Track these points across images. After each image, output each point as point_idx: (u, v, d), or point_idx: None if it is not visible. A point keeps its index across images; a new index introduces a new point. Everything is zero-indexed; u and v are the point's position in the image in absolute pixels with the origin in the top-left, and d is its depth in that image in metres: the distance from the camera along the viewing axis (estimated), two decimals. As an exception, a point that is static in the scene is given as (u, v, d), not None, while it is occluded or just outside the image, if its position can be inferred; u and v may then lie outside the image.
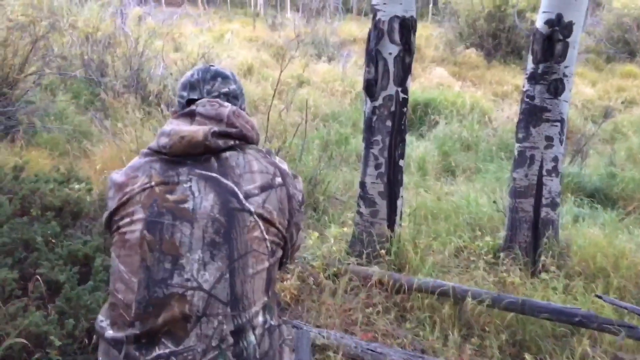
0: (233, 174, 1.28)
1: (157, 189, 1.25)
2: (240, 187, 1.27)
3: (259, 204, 1.28)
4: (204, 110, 1.33)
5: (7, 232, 2.59)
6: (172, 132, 1.28)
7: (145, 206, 1.24)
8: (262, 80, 11.36)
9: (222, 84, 1.44)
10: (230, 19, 26.63)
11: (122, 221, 1.27)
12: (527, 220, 3.81)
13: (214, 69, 1.46)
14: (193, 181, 1.26)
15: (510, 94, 11.79)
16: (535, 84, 3.76)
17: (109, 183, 1.36)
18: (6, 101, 6.27)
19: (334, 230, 4.12)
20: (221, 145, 1.29)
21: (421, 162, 6.68)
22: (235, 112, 1.36)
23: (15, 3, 10.01)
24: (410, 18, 3.63)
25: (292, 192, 1.37)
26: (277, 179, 1.34)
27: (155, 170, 1.29)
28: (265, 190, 1.30)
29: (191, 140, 1.26)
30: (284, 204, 1.33)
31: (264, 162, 1.35)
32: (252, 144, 1.38)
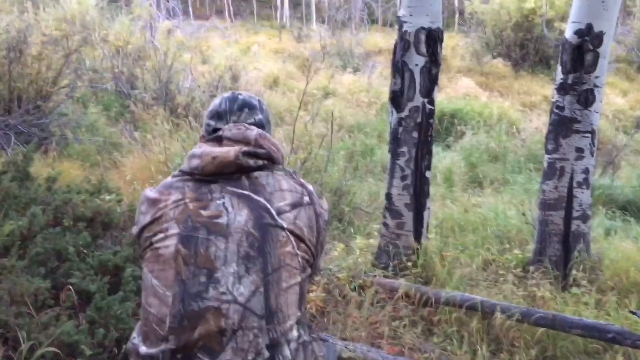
0: (264, 192, 1.31)
1: (190, 205, 1.28)
2: (272, 203, 1.30)
3: (290, 220, 1.30)
4: (231, 134, 1.37)
5: (40, 242, 2.65)
6: (204, 154, 1.32)
7: (179, 221, 1.26)
8: (287, 92, 11.44)
9: (248, 115, 1.47)
10: (256, 32, 26.95)
11: (155, 237, 1.28)
12: (557, 233, 3.73)
13: (241, 99, 1.49)
14: (226, 198, 1.29)
15: (539, 105, 11.63)
16: (564, 95, 3.70)
17: (142, 199, 1.39)
18: (40, 113, 6.45)
19: (359, 242, 4.10)
20: (252, 164, 1.33)
21: (448, 174, 6.63)
22: (262, 135, 1.39)
23: (50, 18, 10.34)
24: (436, 29, 3.62)
25: (319, 211, 1.40)
26: (306, 197, 1.38)
27: (188, 187, 1.32)
28: (296, 207, 1.33)
29: (223, 160, 1.30)
30: (313, 222, 1.36)
31: (292, 182, 1.39)
32: (278, 164, 1.42)
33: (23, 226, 2.72)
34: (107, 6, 14.85)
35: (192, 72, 9.12)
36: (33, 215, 2.78)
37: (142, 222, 1.34)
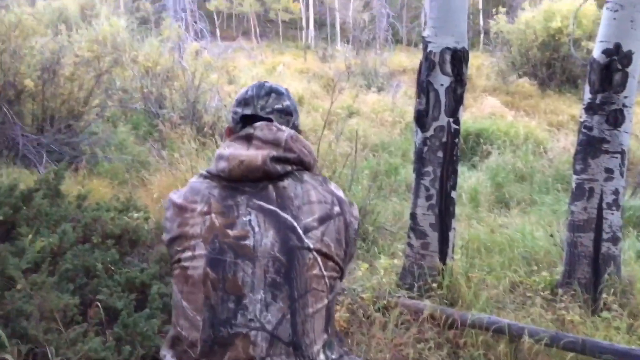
0: (292, 206, 1.28)
1: (217, 221, 1.26)
2: (299, 220, 1.26)
3: (317, 238, 1.27)
4: (261, 135, 1.32)
5: (70, 258, 2.71)
6: (231, 157, 1.29)
7: (206, 241, 1.25)
8: (312, 111, 11.53)
9: (276, 100, 1.42)
10: (282, 52, 27.30)
11: (184, 254, 1.27)
12: (586, 256, 3.66)
13: (268, 85, 1.44)
14: (252, 215, 1.26)
15: (566, 124, 11.48)
16: (593, 115, 3.65)
17: (168, 203, 1.38)
18: (71, 132, 6.63)
19: (383, 262, 4.07)
20: (279, 170, 1.29)
21: (473, 193, 6.57)
22: (293, 137, 1.34)
23: (82, 40, 10.66)
24: (462, 49, 3.62)
25: (349, 220, 1.35)
26: (336, 207, 1.33)
27: (214, 197, 1.29)
28: (324, 222, 1.29)
29: (250, 165, 1.27)
30: (341, 234, 1.32)
31: (322, 191, 1.34)
32: (309, 169, 1.37)
33: (54, 243, 2.78)
34: (137, 28, 15.30)
35: (219, 92, 9.28)
36: (63, 232, 2.84)
37: (169, 229, 1.33)
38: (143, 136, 7.98)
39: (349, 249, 1.36)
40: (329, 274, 1.29)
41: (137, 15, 20.21)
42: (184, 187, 1.39)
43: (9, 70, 6.35)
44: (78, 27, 13.56)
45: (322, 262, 1.26)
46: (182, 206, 1.31)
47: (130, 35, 12.67)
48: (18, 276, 2.41)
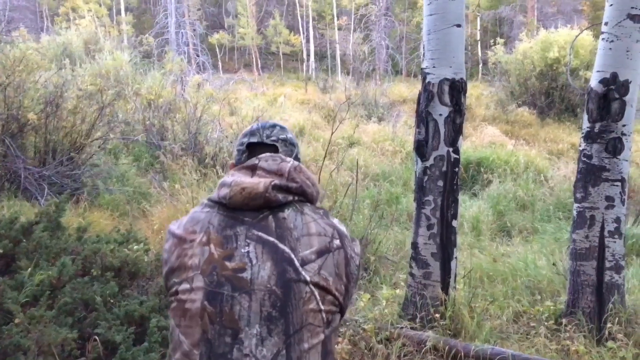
0: (290, 238, 1.28)
1: (215, 253, 1.26)
2: (296, 252, 1.26)
3: (315, 271, 1.26)
4: (266, 165, 1.34)
5: (69, 291, 2.69)
6: (234, 183, 1.30)
7: (204, 273, 1.24)
8: (313, 141, 11.59)
9: (280, 131, 1.47)
10: (283, 83, 27.64)
11: (181, 286, 1.27)
12: (590, 284, 3.62)
13: (271, 121, 1.51)
14: (251, 246, 1.26)
15: (567, 152, 11.52)
16: (592, 143, 3.67)
17: (167, 235, 1.38)
18: (73, 165, 6.66)
19: (385, 292, 4.04)
20: (280, 199, 1.30)
21: (475, 222, 6.55)
22: (297, 168, 1.36)
23: (86, 73, 10.81)
24: (460, 80, 3.66)
25: (350, 255, 1.34)
26: (336, 241, 1.32)
27: (213, 226, 1.29)
28: (322, 255, 1.29)
29: (251, 192, 1.28)
30: (341, 269, 1.31)
31: (322, 224, 1.33)
32: (311, 201, 1.38)
33: (53, 276, 2.77)
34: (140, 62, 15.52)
35: (221, 123, 9.36)
36: (63, 265, 2.83)
37: (168, 262, 1.33)
38: (144, 168, 8.01)
39: (350, 284, 1.34)
40: (327, 308, 1.27)
41: (141, 49, 20.53)
42: (184, 217, 1.39)
43: (12, 104, 6.42)
44: (82, 62, 13.77)
45: (319, 295, 1.25)
46: (181, 237, 1.31)
47: (133, 68, 12.86)
48: (16, 310, 2.39)
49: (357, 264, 1.36)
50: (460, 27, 3.70)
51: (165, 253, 1.35)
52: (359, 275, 1.40)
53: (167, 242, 1.36)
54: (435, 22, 3.69)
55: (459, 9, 3.70)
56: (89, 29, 20.64)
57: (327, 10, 36.40)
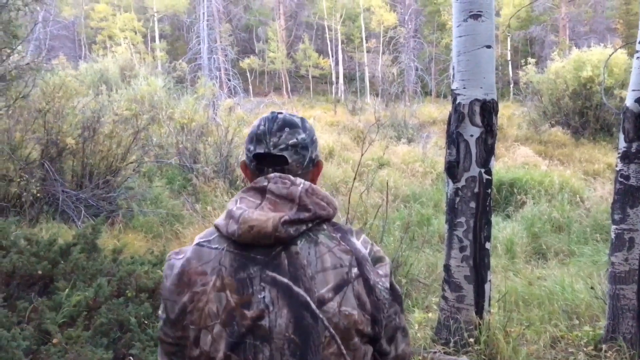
0: (304, 278, 1.21)
1: (232, 300, 1.20)
2: (312, 294, 1.20)
3: (334, 311, 1.20)
4: (275, 188, 1.25)
5: (105, 312, 2.74)
6: (242, 220, 1.21)
7: (225, 324, 1.20)
8: (343, 163, 11.62)
9: (289, 135, 1.31)
10: (312, 106, 27.89)
11: (202, 334, 1.22)
12: (630, 309, 3.50)
13: (281, 117, 1.33)
14: (266, 290, 1.20)
15: (603, 173, 11.25)
16: (629, 163, 3.58)
17: (167, 270, 1.27)
18: (109, 187, 6.83)
19: (418, 316, 3.98)
20: (292, 233, 1.22)
21: (509, 244, 6.42)
22: (308, 191, 1.25)
23: (122, 99, 11.13)
24: (491, 101, 3.64)
25: (374, 282, 1.25)
26: (354, 270, 1.23)
27: (225, 268, 1.22)
28: (340, 289, 1.21)
29: (260, 231, 1.20)
30: (363, 299, 1.22)
31: (338, 252, 1.24)
32: (328, 219, 1.28)
33: (89, 297, 2.83)
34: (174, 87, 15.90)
35: (251, 146, 9.46)
36: (99, 286, 2.89)
37: (179, 304, 1.24)
38: (177, 190, 8.15)
39: (380, 312, 1.25)
40: (352, 346, 1.21)
41: (174, 74, 21.05)
42: (187, 248, 1.29)
43: (52, 129, 6.65)
44: (118, 87, 14.20)
45: (340, 338, 1.20)
46: (190, 277, 1.23)
47: (167, 93, 13.18)
48: (54, 330, 2.44)
49: (385, 287, 1.26)
50: (490, 48, 3.70)
51: (168, 292, 1.25)
52: (394, 296, 1.29)
53: (168, 279, 1.26)
54: (465, 44, 3.69)
55: (488, 30, 3.70)
56: (124, 56, 21.31)
57: (355, 33, 36.76)
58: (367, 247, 1.29)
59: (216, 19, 29.06)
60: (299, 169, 1.31)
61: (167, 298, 1.26)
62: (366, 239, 1.31)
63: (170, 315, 1.26)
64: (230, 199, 1.35)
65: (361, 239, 1.30)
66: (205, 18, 26.91)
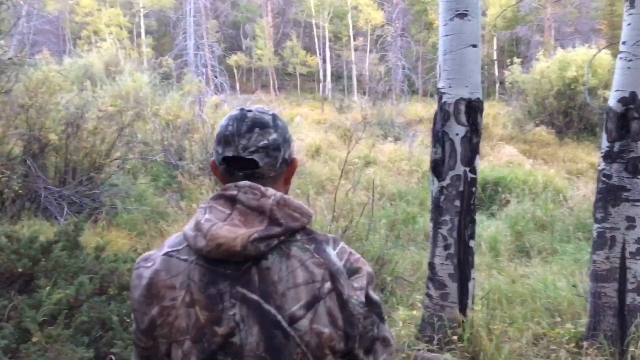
0: (275, 294, 1.16)
1: (202, 317, 1.17)
2: (283, 311, 1.16)
3: (306, 329, 1.16)
4: (245, 199, 1.19)
5: (86, 311, 2.71)
6: (209, 237, 1.16)
7: (194, 340, 1.17)
8: (329, 161, 11.63)
9: (260, 136, 1.23)
10: (299, 104, 27.87)
11: (172, 348, 1.19)
12: (611, 307, 3.54)
13: (250, 117, 1.25)
14: (237, 307, 1.17)
15: (586, 172, 11.38)
16: (611, 163, 3.62)
17: (135, 279, 1.23)
18: (92, 184, 6.76)
19: (402, 313, 4.00)
20: (262, 249, 1.16)
21: (493, 243, 6.47)
22: (280, 203, 1.19)
23: (106, 95, 11.02)
24: (476, 100, 3.66)
25: (348, 295, 1.19)
26: (326, 284, 1.18)
27: (194, 283, 1.18)
28: (312, 306, 1.17)
29: (229, 250, 1.15)
30: (335, 315, 1.18)
31: (311, 265, 1.19)
32: (302, 229, 1.23)
33: (70, 295, 2.80)
34: (159, 83, 15.79)
35: (237, 143, 9.43)
36: (80, 284, 2.86)
37: (149, 315, 1.21)
38: (162, 187, 8.10)
39: (354, 328, 1.20)
40: None
41: (160, 71, 20.89)
42: (155, 254, 1.25)
43: (34, 125, 6.56)
44: (103, 83, 14.06)
45: (312, 356, 1.17)
46: (158, 290, 1.19)
47: (153, 90, 13.08)
48: (34, 329, 2.41)
49: (360, 301, 1.21)
50: (476, 47, 3.71)
51: (137, 303, 1.21)
52: (371, 306, 1.24)
53: (137, 290, 1.21)
54: (451, 43, 3.71)
55: (474, 29, 3.72)
56: (110, 52, 21.14)
57: (343, 31, 36.78)
58: (344, 257, 1.23)
59: (203, 15, 28.92)
60: (271, 172, 1.25)
61: (135, 309, 1.22)
62: (344, 248, 1.25)
63: (140, 326, 1.23)
64: (200, 205, 1.29)
65: (337, 249, 1.24)
66: (192, 14, 26.77)
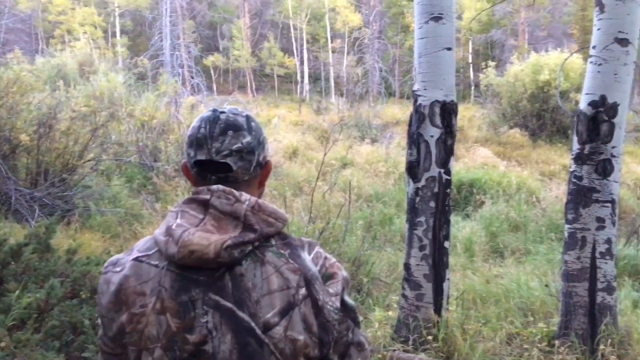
0: (249, 302, 1.15)
1: (173, 324, 1.15)
2: (257, 319, 1.14)
3: (280, 336, 1.15)
4: (218, 204, 1.17)
5: (57, 314, 2.66)
6: (181, 244, 1.13)
7: (165, 348, 1.15)
8: (306, 162, 11.63)
9: (233, 140, 1.20)
10: (277, 105, 27.81)
11: (142, 356, 1.17)
12: (582, 306, 3.62)
13: (223, 118, 1.21)
14: (209, 314, 1.14)
15: (558, 174, 11.59)
16: (582, 165, 3.70)
17: (103, 285, 1.20)
18: (65, 186, 6.63)
19: (378, 314, 4.02)
20: (236, 256, 1.14)
21: (468, 243, 6.54)
22: (255, 208, 1.17)
23: (80, 95, 10.83)
24: (450, 102, 3.70)
25: (323, 301, 1.18)
26: (301, 290, 1.16)
27: (165, 289, 1.15)
28: (287, 313, 1.15)
29: (202, 257, 1.12)
30: (310, 321, 1.16)
31: (286, 271, 1.17)
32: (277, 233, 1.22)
33: (40, 299, 2.74)
34: (135, 83, 15.59)
35: (214, 144, 9.36)
36: (51, 288, 2.80)
37: (118, 321, 1.18)
38: (137, 189, 7.98)
39: (329, 334, 1.19)
40: None
41: (135, 71, 20.64)
42: (125, 259, 1.22)
43: (5, 125, 6.42)
44: (76, 83, 13.81)
45: None
46: (127, 297, 1.16)
47: (128, 90, 12.90)
48: (2, 334, 2.36)
49: (335, 307, 1.20)
50: (450, 50, 3.75)
51: (105, 310, 1.18)
52: (346, 312, 1.24)
53: (105, 296, 1.18)
54: (426, 46, 3.74)
55: (449, 32, 3.76)
56: (83, 51, 20.79)
57: (321, 33, 36.84)
58: (319, 262, 1.22)
59: (179, 16, 28.68)
60: (246, 175, 1.22)
61: (103, 315, 1.19)
62: (319, 252, 1.23)
63: (107, 333, 1.20)
64: (170, 209, 1.26)
65: (313, 254, 1.23)
66: (168, 14, 26.53)
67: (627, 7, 3.57)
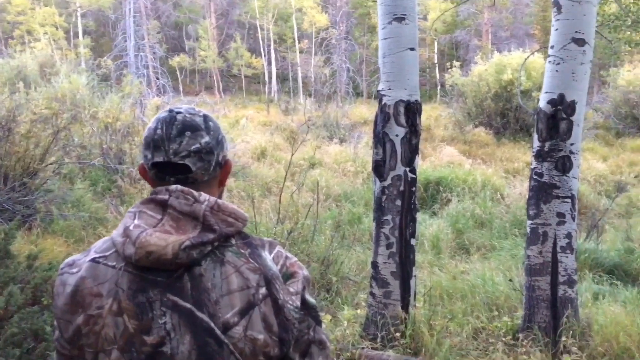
0: (208, 302, 1.14)
1: (130, 325, 1.13)
2: (217, 319, 1.13)
3: (239, 336, 1.14)
4: (177, 204, 1.15)
5: (17, 322, 2.59)
6: (139, 245, 1.11)
7: (122, 350, 1.13)
8: (275, 163, 11.60)
9: (191, 140, 1.18)
10: (245, 106, 27.67)
11: (99, 357, 1.15)
12: (544, 299, 3.71)
13: (180, 119, 1.19)
14: (167, 315, 1.13)
15: (522, 171, 11.86)
16: (542, 162, 3.79)
17: (59, 286, 1.17)
18: (26, 190, 6.44)
19: (347, 313, 4.03)
20: (195, 256, 1.13)
21: (435, 241, 6.64)
22: (214, 208, 1.16)
23: (40, 97, 10.56)
24: (414, 102, 3.75)
25: (283, 300, 1.18)
26: (261, 290, 1.16)
27: (122, 290, 1.13)
28: (247, 312, 1.15)
29: (159, 258, 1.11)
30: (270, 321, 1.16)
31: (246, 271, 1.16)
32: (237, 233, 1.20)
33: (0, 307, 2.66)
34: (98, 85, 15.27)
35: (180, 146, 9.24)
36: (10, 295, 2.72)
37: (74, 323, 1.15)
38: (101, 192, 7.82)
39: (289, 333, 1.18)
40: None
41: (98, 72, 20.20)
42: (81, 259, 1.19)
43: (-39, 128, 6.21)
44: (37, 85, 13.45)
45: None
46: (84, 298, 1.14)
47: (91, 92, 12.63)
48: (-41, 343, 2.28)
49: (295, 306, 1.20)
50: (414, 50, 3.80)
51: (60, 312, 1.15)
52: (307, 310, 1.24)
53: (60, 298, 1.15)
54: (390, 46, 3.79)
55: (412, 33, 3.81)
56: (44, 52, 20.24)
57: (288, 33, 36.79)
58: (280, 262, 1.22)
59: (144, 16, 28.21)
60: (205, 176, 1.21)
61: (59, 317, 1.17)
62: (280, 252, 1.23)
63: (64, 334, 1.17)
64: (128, 210, 1.21)
65: (274, 253, 1.22)
66: (132, 14, 26.08)
67: (583, 8, 3.68)
